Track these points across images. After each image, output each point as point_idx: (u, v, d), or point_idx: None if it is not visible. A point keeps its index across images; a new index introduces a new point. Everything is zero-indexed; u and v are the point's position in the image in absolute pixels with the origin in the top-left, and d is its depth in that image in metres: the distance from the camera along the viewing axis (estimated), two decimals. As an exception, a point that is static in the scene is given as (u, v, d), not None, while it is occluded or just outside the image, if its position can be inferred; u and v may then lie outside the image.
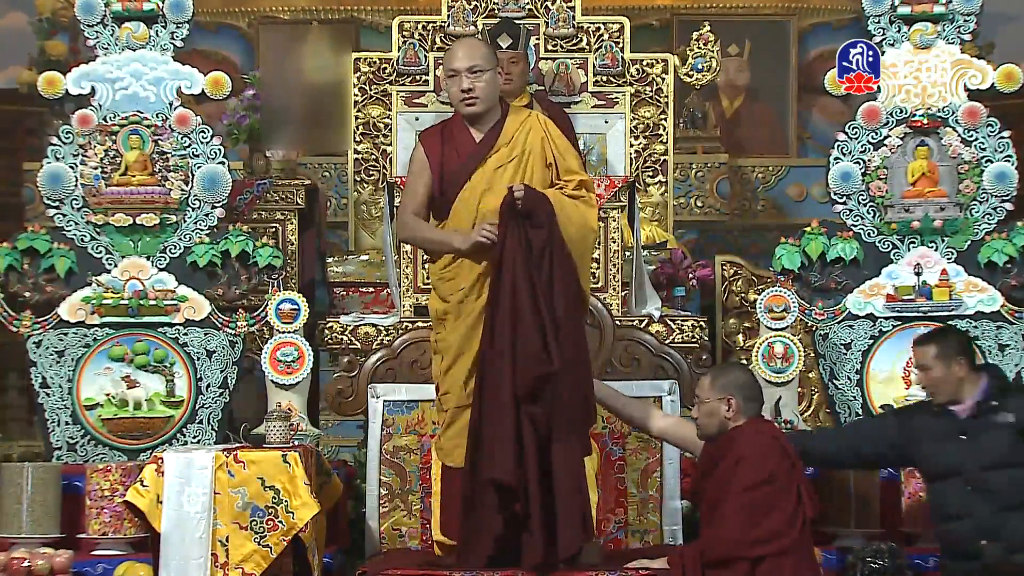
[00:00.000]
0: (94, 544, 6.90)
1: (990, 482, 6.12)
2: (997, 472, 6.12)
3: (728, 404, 6.17)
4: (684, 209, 10.62)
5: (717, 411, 6.18)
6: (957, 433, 6.21)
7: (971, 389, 6.26)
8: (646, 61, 9.14)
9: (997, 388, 6.27)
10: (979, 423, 6.20)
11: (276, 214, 9.34)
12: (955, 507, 6.17)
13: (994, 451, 6.14)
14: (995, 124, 7.74)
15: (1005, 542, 6.08)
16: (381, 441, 6.93)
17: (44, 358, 7.61)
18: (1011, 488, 6.11)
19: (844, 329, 7.68)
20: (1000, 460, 6.13)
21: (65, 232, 7.72)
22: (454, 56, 6.42)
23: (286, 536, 6.24)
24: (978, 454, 6.15)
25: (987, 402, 6.22)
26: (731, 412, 6.17)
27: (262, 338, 7.89)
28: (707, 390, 6.22)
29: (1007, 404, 6.20)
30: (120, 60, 7.76)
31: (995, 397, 6.23)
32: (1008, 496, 6.10)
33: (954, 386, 6.26)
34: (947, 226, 7.71)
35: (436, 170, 6.41)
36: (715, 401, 6.18)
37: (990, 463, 6.13)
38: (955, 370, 6.26)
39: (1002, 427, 6.16)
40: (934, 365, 6.28)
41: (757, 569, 5.93)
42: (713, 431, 6.20)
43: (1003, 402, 6.21)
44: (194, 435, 7.58)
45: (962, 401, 6.26)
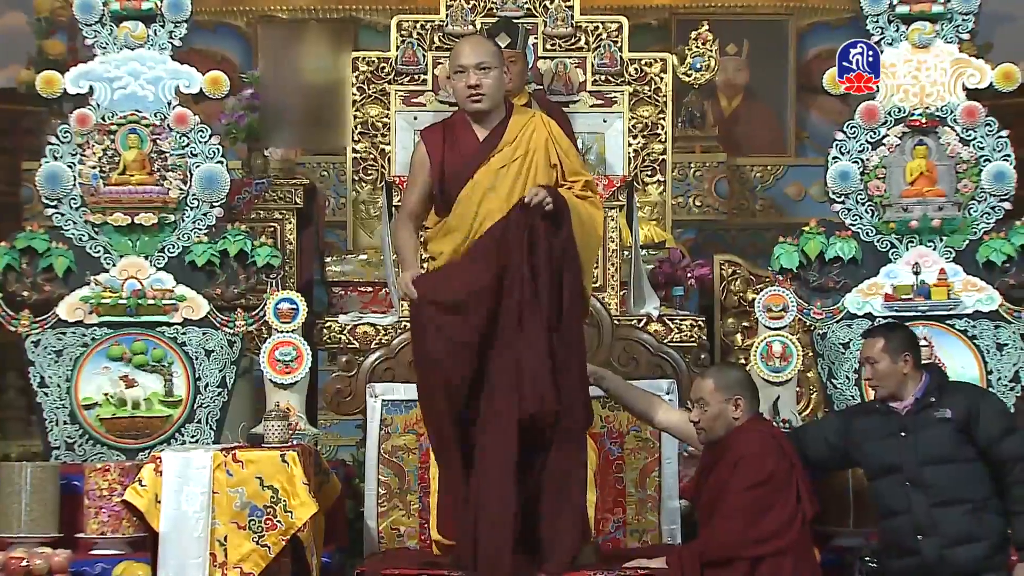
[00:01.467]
0: (92, 544, 6.87)
1: (927, 477, 6.17)
2: (935, 467, 6.17)
3: (736, 405, 6.17)
4: (682, 208, 10.67)
5: (724, 413, 6.18)
6: (897, 431, 6.26)
7: (913, 386, 6.32)
8: (644, 60, 9.15)
9: (936, 385, 6.32)
10: (918, 419, 6.25)
11: (275, 213, 9.35)
12: (894, 503, 6.22)
13: (932, 447, 6.19)
14: (993, 123, 7.74)
15: (941, 537, 6.13)
16: (379, 441, 6.92)
17: (42, 357, 7.60)
18: (948, 483, 6.15)
19: (842, 328, 7.67)
20: (938, 456, 6.18)
21: (63, 231, 7.71)
22: (461, 52, 6.39)
23: (284, 535, 6.23)
24: (916, 450, 6.20)
25: (926, 398, 6.28)
26: (739, 412, 6.18)
27: (260, 337, 7.87)
28: (712, 393, 6.20)
29: (944, 400, 6.25)
30: (118, 59, 7.75)
31: (933, 393, 6.28)
32: (944, 491, 6.15)
33: (898, 381, 6.31)
34: (945, 225, 7.71)
35: (436, 167, 6.39)
36: (722, 403, 6.17)
37: (928, 458, 6.18)
38: (900, 366, 6.31)
39: (940, 423, 6.21)
40: (881, 359, 6.32)
41: (756, 569, 5.94)
42: (720, 433, 6.19)
43: (941, 398, 6.26)
44: (192, 435, 7.57)
45: (903, 398, 6.32)
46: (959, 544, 6.14)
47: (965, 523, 6.14)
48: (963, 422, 6.21)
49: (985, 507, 6.17)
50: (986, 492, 6.19)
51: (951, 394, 6.32)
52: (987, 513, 6.17)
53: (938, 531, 6.14)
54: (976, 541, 6.14)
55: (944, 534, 6.14)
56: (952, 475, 6.18)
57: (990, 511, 6.18)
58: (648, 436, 6.85)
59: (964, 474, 6.19)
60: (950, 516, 6.14)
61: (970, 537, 6.14)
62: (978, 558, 6.14)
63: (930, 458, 6.19)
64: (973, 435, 6.20)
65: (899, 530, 6.22)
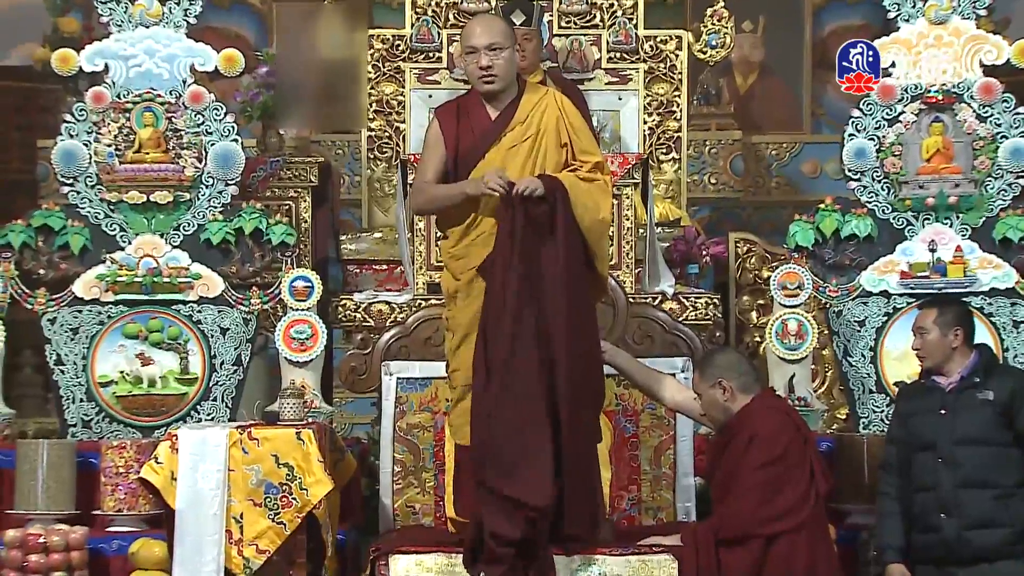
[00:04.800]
0: (109, 520, 6.94)
1: (958, 456, 6.17)
2: (968, 448, 6.17)
3: (722, 388, 6.15)
4: (698, 186, 10.64)
5: (715, 399, 6.18)
6: (938, 408, 6.27)
7: (960, 363, 6.31)
8: (660, 38, 9.17)
9: (983, 366, 6.31)
10: (960, 398, 6.25)
11: (290, 191, 9.40)
12: (925, 479, 6.23)
13: (969, 427, 6.19)
14: (1010, 99, 7.74)
15: (963, 518, 6.14)
16: (395, 418, 6.93)
17: (59, 335, 7.64)
18: (978, 465, 6.16)
19: (858, 306, 7.69)
20: (973, 437, 6.18)
21: (79, 209, 7.75)
22: (472, 33, 6.36)
23: (300, 513, 6.25)
24: (954, 429, 6.20)
25: (971, 377, 6.27)
26: (728, 395, 6.16)
27: (276, 315, 7.89)
28: (699, 384, 6.23)
29: (989, 382, 6.24)
30: (133, 37, 7.78)
31: (979, 374, 6.27)
32: (973, 473, 6.16)
33: (945, 354, 6.31)
34: (962, 202, 7.71)
35: (451, 146, 6.37)
36: (709, 390, 6.18)
37: (963, 438, 6.19)
38: (951, 339, 6.31)
39: (982, 404, 6.21)
40: (932, 329, 6.33)
41: (771, 546, 5.94)
42: (722, 418, 6.19)
43: (985, 380, 6.25)
44: (208, 412, 7.62)
45: (949, 374, 6.31)
46: (981, 527, 6.14)
47: (989, 508, 6.14)
48: (1005, 405, 6.20)
49: (1013, 494, 6.17)
50: (1016, 479, 6.19)
51: (998, 376, 6.31)
52: (1013, 500, 6.17)
53: (961, 512, 6.15)
54: (998, 527, 6.14)
55: (967, 515, 6.14)
56: (984, 458, 6.18)
57: (1017, 499, 6.17)
58: (663, 414, 6.86)
59: (996, 458, 6.19)
60: (975, 498, 6.15)
61: (992, 522, 6.14)
62: (997, 544, 6.14)
63: (965, 438, 6.19)
64: (1014, 420, 6.19)
65: (925, 506, 6.22)
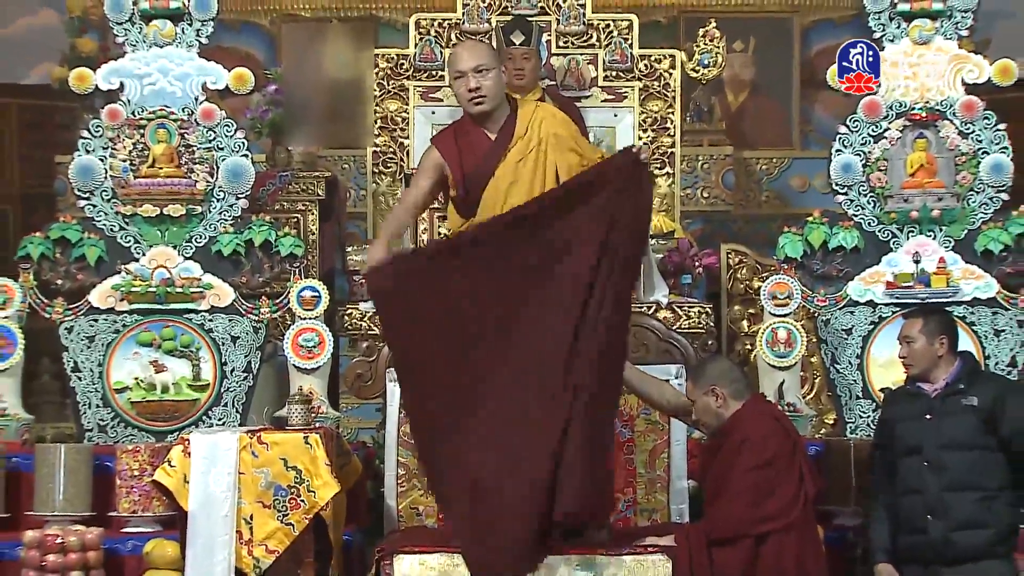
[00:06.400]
0: (124, 522, 6.97)
1: (944, 461, 6.19)
2: (953, 452, 6.19)
3: (715, 395, 6.19)
4: (691, 200, 10.66)
5: (709, 406, 6.21)
6: (924, 413, 6.29)
7: (945, 370, 6.33)
8: (654, 57, 9.09)
9: (967, 373, 6.33)
10: (945, 404, 6.27)
11: (297, 205, 9.42)
12: (911, 482, 6.24)
13: (954, 432, 6.21)
14: (991, 117, 7.81)
15: (948, 520, 6.16)
16: (399, 423, 6.83)
17: (76, 343, 7.72)
18: (963, 469, 6.17)
19: (845, 315, 7.75)
20: (958, 441, 6.20)
21: (95, 222, 7.82)
22: (459, 58, 6.42)
23: (308, 514, 6.22)
24: (939, 433, 6.22)
25: (956, 384, 6.29)
26: (720, 401, 6.19)
27: (284, 324, 7.97)
28: (692, 392, 6.25)
29: (973, 388, 6.26)
30: (148, 57, 7.86)
31: (963, 380, 6.30)
32: (958, 476, 6.17)
33: (931, 362, 6.33)
34: (945, 216, 7.78)
35: (457, 169, 6.41)
36: (702, 397, 6.20)
37: (948, 443, 6.20)
38: (936, 348, 6.33)
39: (965, 409, 6.22)
40: (918, 338, 6.34)
41: (761, 546, 5.98)
42: (714, 423, 6.22)
43: (969, 386, 6.27)
44: (219, 418, 7.67)
45: (934, 381, 6.34)
46: (966, 529, 6.16)
47: (974, 510, 6.16)
48: (988, 411, 6.20)
49: (996, 497, 6.19)
50: (1000, 482, 6.21)
51: (981, 383, 6.32)
52: (997, 503, 6.18)
53: (947, 514, 6.17)
54: (982, 528, 6.17)
55: (952, 518, 6.16)
56: (969, 462, 6.19)
57: (1001, 501, 6.20)
58: (657, 419, 6.81)
59: (981, 462, 6.20)
60: (960, 501, 6.16)
61: (977, 523, 6.16)
62: (982, 544, 6.17)
63: (950, 442, 6.20)
64: (997, 425, 6.21)
65: (911, 509, 6.24)
